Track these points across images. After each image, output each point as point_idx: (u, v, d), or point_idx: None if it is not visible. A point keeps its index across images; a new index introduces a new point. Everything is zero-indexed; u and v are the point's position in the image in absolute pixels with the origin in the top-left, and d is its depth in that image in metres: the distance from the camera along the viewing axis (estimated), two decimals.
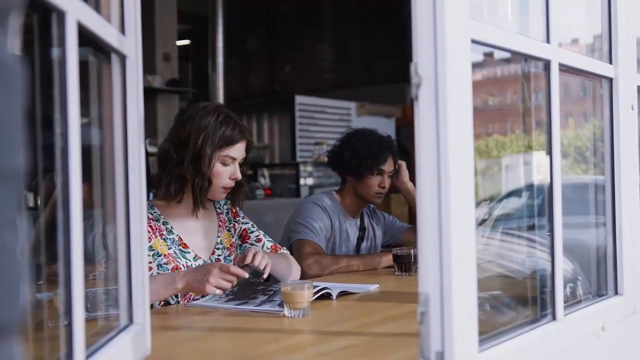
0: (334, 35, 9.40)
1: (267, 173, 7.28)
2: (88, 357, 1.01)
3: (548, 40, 1.42)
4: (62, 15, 0.92)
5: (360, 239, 2.91)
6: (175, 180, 2.09)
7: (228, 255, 2.26)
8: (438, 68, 1.07)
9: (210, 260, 2.19)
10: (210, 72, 7.00)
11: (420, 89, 1.09)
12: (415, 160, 1.10)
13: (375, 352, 1.47)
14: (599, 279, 1.75)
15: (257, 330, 1.68)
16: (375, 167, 2.77)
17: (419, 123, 1.09)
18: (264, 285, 2.04)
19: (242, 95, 8.95)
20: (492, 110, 1.75)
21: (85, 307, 1.00)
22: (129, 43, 1.27)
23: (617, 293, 1.70)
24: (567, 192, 1.46)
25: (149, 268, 2.01)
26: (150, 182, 2.05)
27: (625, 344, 1.75)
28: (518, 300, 1.62)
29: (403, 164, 2.92)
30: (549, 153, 1.43)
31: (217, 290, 1.75)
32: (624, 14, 1.71)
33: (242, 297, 1.95)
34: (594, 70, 1.66)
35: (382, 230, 3.01)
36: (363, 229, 2.93)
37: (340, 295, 2.06)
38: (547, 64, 1.42)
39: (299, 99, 7.74)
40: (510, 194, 2.18)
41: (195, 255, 2.15)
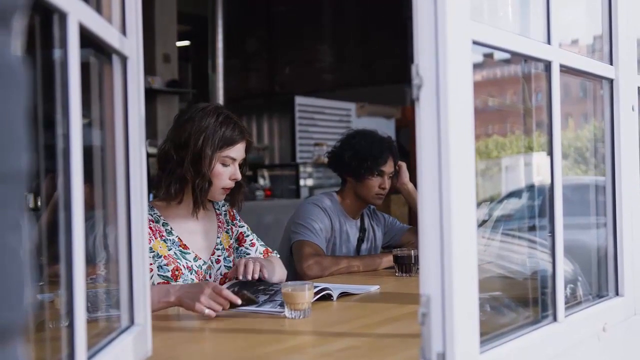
0: (334, 36, 9.41)
1: (266, 174, 7.28)
2: (89, 358, 1.01)
3: (549, 41, 1.42)
4: (64, 17, 0.92)
5: (361, 240, 2.91)
6: (176, 181, 2.09)
7: (227, 256, 2.26)
8: (439, 69, 1.07)
9: (211, 261, 2.19)
10: (210, 72, 7.00)
11: (422, 90, 1.09)
12: (417, 162, 1.10)
13: (376, 353, 1.47)
14: (600, 280, 1.75)
15: (258, 331, 1.68)
16: (376, 168, 2.77)
17: (420, 124, 1.09)
18: (265, 285, 2.04)
19: (241, 96, 8.95)
20: (491, 111, 1.75)
21: (86, 308, 1.00)
22: (130, 44, 1.27)
23: (617, 294, 1.70)
24: (567, 192, 1.46)
25: (150, 269, 2.01)
26: (150, 183, 2.05)
27: (626, 345, 1.75)
28: (519, 302, 1.62)
29: (403, 165, 2.91)
30: (550, 154, 1.43)
31: (206, 310, 1.73)
32: (625, 15, 1.71)
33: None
34: (595, 71, 1.67)
35: (382, 231, 3.01)
36: (363, 230, 2.93)
37: (341, 296, 2.06)
38: (547, 65, 1.42)
39: (299, 100, 7.74)
40: (511, 195, 2.18)
41: (196, 256, 2.15)
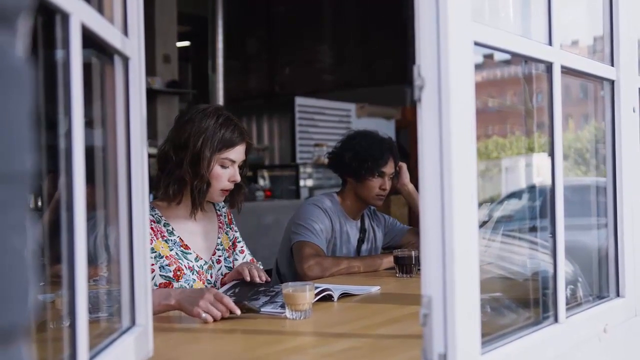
0: (334, 37, 9.40)
1: (266, 174, 7.27)
2: (91, 358, 1.01)
3: (550, 43, 1.42)
4: (66, 17, 0.92)
5: (361, 241, 2.91)
6: (174, 182, 2.09)
7: (228, 257, 2.26)
8: (441, 70, 1.07)
9: (212, 261, 2.19)
10: (210, 73, 6.99)
11: (423, 91, 1.09)
12: (418, 162, 1.10)
13: (378, 354, 1.47)
14: (601, 281, 1.76)
15: (259, 332, 1.68)
16: (376, 169, 2.77)
17: (422, 125, 1.09)
18: (266, 287, 2.04)
19: (241, 97, 8.95)
20: (491, 112, 1.75)
21: (88, 308, 1.00)
22: (132, 44, 1.27)
23: (618, 295, 1.71)
24: (567, 193, 1.46)
25: (152, 270, 2.01)
26: (150, 183, 2.05)
27: (627, 346, 1.75)
28: (519, 302, 1.62)
29: (404, 166, 2.91)
30: (551, 155, 1.43)
31: (203, 315, 1.73)
32: (626, 16, 1.71)
33: (243, 298, 1.95)
34: (596, 73, 1.67)
35: (382, 232, 3.01)
36: (363, 231, 2.93)
37: (342, 297, 2.06)
38: (549, 66, 1.42)
39: (299, 100, 7.73)
40: (511, 196, 2.18)
41: (197, 256, 2.15)
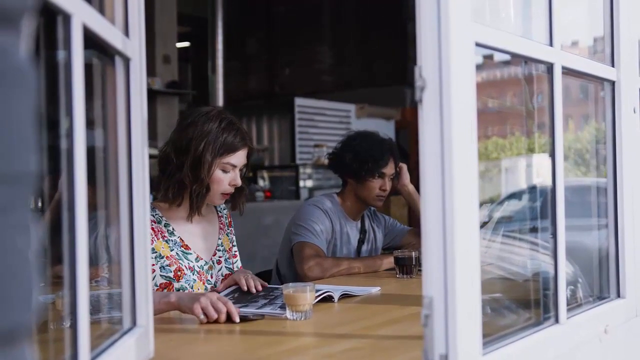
0: (334, 37, 9.40)
1: (266, 175, 7.27)
2: (92, 359, 1.01)
3: (551, 43, 1.42)
4: (68, 18, 0.92)
5: (361, 242, 2.91)
6: (174, 185, 2.09)
7: (228, 258, 2.26)
8: (442, 71, 1.07)
9: (212, 261, 2.19)
10: (210, 74, 6.99)
11: (425, 92, 1.09)
12: (419, 163, 1.10)
13: (379, 354, 1.47)
14: (601, 282, 1.76)
15: (259, 333, 1.68)
16: (377, 170, 2.77)
17: (423, 126, 1.09)
18: (265, 292, 2.04)
19: (241, 97, 8.94)
20: (491, 113, 1.75)
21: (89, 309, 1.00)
22: (133, 45, 1.27)
23: (619, 296, 1.71)
24: (566, 194, 1.46)
25: (152, 270, 2.01)
26: (151, 184, 2.04)
27: (628, 347, 1.75)
28: (520, 303, 1.62)
29: (404, 167, 2.91)
30: (552, 156, 1.43)
31: (201, 315, 1.73)
32: (626, 17, 1.71)
33: (243, 300, 1.96)
34: (597, 73, 1.67)
35: (382, 233, 3.01)
36: (364, 232, 2.93)
37: (342, 298, 2.06)
38: (550, 67, 1.42)
39: (299, 101, 7.73)
40: (511, 197, 2.18)
41: (197, 257, 2.15)
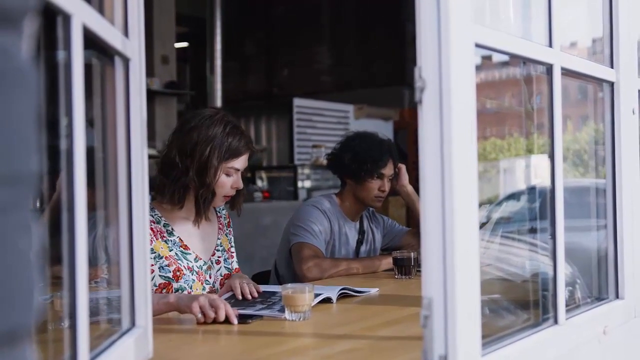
0: (333, 38, 9.40)
1: (265, 176, 7.27)
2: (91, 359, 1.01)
3: (550, 44, 1.42)
4: (67, 18, 0.92)
5: (360, 242, 2.91)
6: (179, 189, 2.10)
7: (227, 258, 2.26)
8: (442, 72, 1.07)
9: (211, 262, 2.20)
10: (209, 74, 6.99)
11: (424, 93, 1.09)
12: (419, 164, 1.10)
13: (378, 355, 1.47)
14: (600, 283, 1.76)
15: (258, 334, 1.68)
16: (376, 170, 2.77)
17: (423, 126, 1.09)
18: (263, 297, 2.04)
19: (240, 98, 8.94)
20: (489, 113, 1.75)
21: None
22: (132, 46, 1.27)
23: (618, 297, 1.71)
24: (565, 195, 1.46)
25: (151, 271, 2.01)
26: (150, 184, 2.04)
27: (627, 348, 1.75)
28: (519, 304, 1.62)
29: (403, 167, 2.91)
30: (551, 156, 1.43)
31: (199, 314, 1.73)
32: (626, 17, 1.71)
33: (241, 304, 1.95)
34: (596, 74, 1.67)
35: (381, 234, 3.01)
36: (362, 232, 2.93)
37: (341, 298, 2.05)
38: (549, 68, 1.42)
39: (297, 102, 7.73)
40: (510, 197, 2.18)
41: (196, 257, 2.15)
